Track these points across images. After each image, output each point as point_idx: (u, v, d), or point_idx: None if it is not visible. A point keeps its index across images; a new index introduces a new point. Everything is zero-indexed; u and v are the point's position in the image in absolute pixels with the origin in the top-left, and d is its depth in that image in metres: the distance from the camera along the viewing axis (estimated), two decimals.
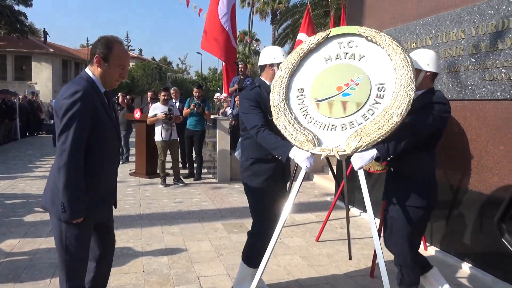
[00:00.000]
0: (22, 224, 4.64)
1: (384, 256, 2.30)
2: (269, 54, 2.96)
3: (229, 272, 3.46)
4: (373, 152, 2.35)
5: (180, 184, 7.07)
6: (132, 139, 9.22)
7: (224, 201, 6.06)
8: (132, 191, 6.53)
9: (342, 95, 2.61)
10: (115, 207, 2.44)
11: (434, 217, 4.07)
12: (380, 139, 2.35)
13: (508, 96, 3.32)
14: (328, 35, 2.80)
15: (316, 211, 5.63)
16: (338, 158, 2.44)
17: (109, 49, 2.07)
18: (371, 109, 2.49)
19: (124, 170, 8.43)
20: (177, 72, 48.50)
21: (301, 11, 18.82)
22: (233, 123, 7.73)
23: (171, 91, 8.10)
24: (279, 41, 23.59)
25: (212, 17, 8.56)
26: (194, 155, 7.87)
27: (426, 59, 2.62)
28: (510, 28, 3.33)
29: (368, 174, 4.30)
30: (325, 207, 5.59)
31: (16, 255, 3.72)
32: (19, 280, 3.21)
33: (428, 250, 4.16)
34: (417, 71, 2.55)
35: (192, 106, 7.47)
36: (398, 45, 2.54)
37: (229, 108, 8.69)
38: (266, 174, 2.84)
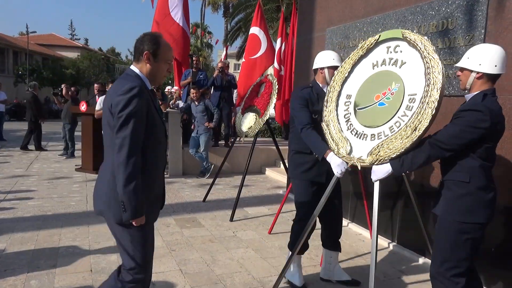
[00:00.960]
0: None
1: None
2: (320, 58, 3.17)
3: (182, 268, 3.42)
4: (388, 167, 2.38)
5: None
6: (77, 133, 8.80)
7: (176, 196, 5.96)
8: (79, 187, 6.25)
9: (378, 105, 2.59)
10: (162, 208, 2.32)
11: (381, 207, 4.27)
12: (395, 154, 2.34)
13: (446, 92, 3.53)
14: (377, 40, 2.75)
15: (269, 204, 5.70)
16: (359, 168, 2.55)
17: (157, 44, 2.05)
18: (399, 121, 2.43)
19: (69, 166, 8.06)
20: (126, 63, 46.86)
21: (254, 5, 18.81)
22: (184, 117, 7.61)
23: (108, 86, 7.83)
24: (231, 34, 23.47)
25: (162, 8, 8.34)
26: None
27: (480, 57, 2.23)
28: (449, 28, 3.54)
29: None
30: (278, 200, 5.68)
31: None
32: None
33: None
34: (467, 71, 2.27)
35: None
36: (435, 52, 2.39)
37: (180, 101, 8.55)
38: (306, 165, 3.11)
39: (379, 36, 2.75)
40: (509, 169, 2.95)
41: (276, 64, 8.55)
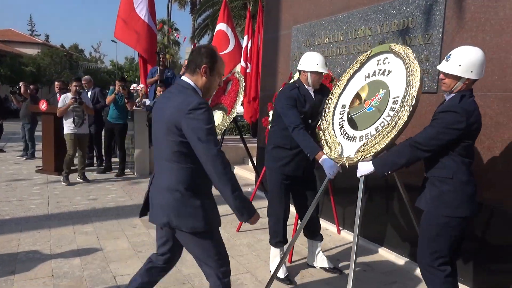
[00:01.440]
0: None
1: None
2: (304, 60, 3.22)
3: None
4: (370, 166, 2.52)
5: (83, 181, 6.62)
6: (37, 133, 8.45)
7: (142, 196, 5.81)
8: (39, 190, 6.00)
9: (367, 110, 2.81)
10: None
11: (347, 202, 4.36)
12: (379, 150, 2.53)
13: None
14: (369, 54, 2.98)
15: None
16: (347, 166, 2.74)
17: (214, 58, 2.11)
18: (383, 122, 2.62)
19: (29, 167, 7.73)
20: (90, 61, 45.52)
21: (221, 1, 18.68)
22: (151, 115, 7.46)
23: (83, 81, 7.57)
24: (199, 31, 23.24)
25: (127, 4, 8.14)
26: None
27: (471, 65, 2.27)
28: (410, 27, 3.65)
29: None
30: None
31: None
32: None
33: (341, 234, 4.43)
34: (455, 77, 2.31)
35: (117, 89, 7.06)
36: (415, 58, 2.60)
37: (148, 99, 8.38)
38: (285, 160, 3.26)
39: (371, 51, 3.00)
40: (488, 166, 3.06)
41: (242, 62, 8.52)
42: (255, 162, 5.74)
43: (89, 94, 7.50)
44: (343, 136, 2.92)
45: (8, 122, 15.30)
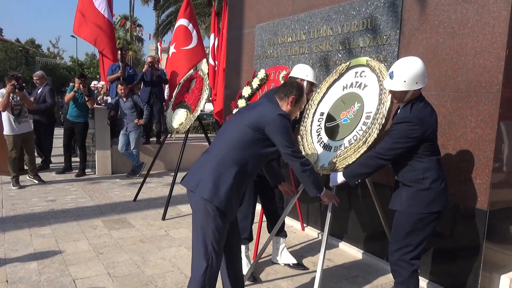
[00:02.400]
0: None
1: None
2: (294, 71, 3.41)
3: (110, 271, 3.28)
4: (340, 176, 2.68)
5: (36, 181, 6.32)
6: None
7: (104, 197, 5.69)
8: None
9: (342, 121, 2.93)
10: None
11: (311, 199, 4.44)
12: (347, 163, 2.67)
13: None
14: (348, 66, 3.09)
15: None
16: (321, 174, 2.87)
17: (301, 93, 2.46)
18: (356, 135, 2.75)
19: None
20: (48, 56, 43.64)
21: None
22: (112, 113, 7.28)
23: (35, 77, 7.21)
24: (162, 28, 22.84)
25: (85, 0, 7.88)
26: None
27: (415, 77, 2.44)
28: (369, 28, 3.75)
29: None
30: None
31: None
32: None
33: (305, 231, 4.51)
34: (403, 92, 2.46)
35: (77, 86, 6.77)
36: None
37: (109, 97, 8.16)
38: None
39: (350, 62, 3.12)
40: (442, 162, 3.22)
41: (211, 60, 8.46)
42: None
43: (39, 91, 7.12)
44: (319, 144, 3.02)
45: None
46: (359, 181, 2.63)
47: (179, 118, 5.10)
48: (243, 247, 3.40)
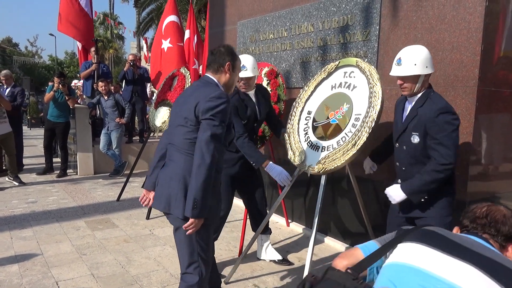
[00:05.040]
0: None
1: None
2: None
3: (94, 272, 3.24)
4: (402, 194, 2.37)
5: (16, 183, 6.19)
6: None
7: (86, 197, 5.61)
8: None
9: (331, 121, 2.92)
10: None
11: (295, 195, 4.47)
12: (337, 165, 2.65)
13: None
14: (337, 65, 3.07)
15: None
16: (309, 175, 2.91)
17: (235, 56, 2.29)
18: (345, 137, 2.74)
19: None
20: (26, 55, 42.66)
21: None
22: (93, 113, 7.17)
23: (2, 77, 7.02)
24: (143, 25, 22.58)
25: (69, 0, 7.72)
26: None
27: (424, 60, 2.35)
28: (349, 24, 3.79)
29: None
30: None
31: None
32: None
33: (290, 226, 4.54)
34: (415, 77, 2.34)
35: (56, 86, 6.62)
36: (378, 80, 2.69)
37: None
38: (230, 162, 3.21)
39: (339, 62, 3.10)
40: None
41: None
42: None
43: (6, 92, 6.91)
44: (307, 143, 3.01)
45: None
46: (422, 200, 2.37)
47: (162, 116, 5.06)
48: None
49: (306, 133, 3.07)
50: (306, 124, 3.13)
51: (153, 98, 9.53)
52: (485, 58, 2.87)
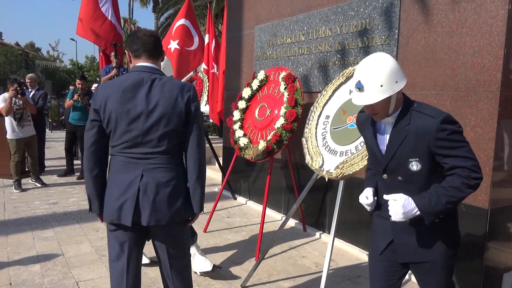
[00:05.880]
0: None
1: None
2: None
3: None
4: (414, 208, 1.74)
5: (38, 184, 6.34)
6: None
7: None
8: None
9: (349, 126, 2.90)
10: None
11: (312, 200, 4.45)
12: (355, 170, 2.61)
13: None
14: (356, 69, 2.97)
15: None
16: (326, 179, 2.85)
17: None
18: (363, 141, 2.60)
19: None
20: (47, 59, 43.69)
21: (183, 0, 18.50)
22: None
23: (28, 79, 7.21)
24: (161, 30, 22.88)
25: (90, 5, 7.90)
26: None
27: (392, 75, 1.77)
28: (368, 28, 3.77)
29: (251, 163, 4.49)
30: (213, 198, 5.65)
31: None
32: None
33: (307, 231, 4.53)
34: (386, 100, 1.78)
35: (75, 97, 6.82)
36: None
37: None
38: None
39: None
40: None
41: (204, 65, 8.45)
42: (221, 162, 5.75)
43: (31, 94, 7.08)
44: (325, 148, 3.01)
45: None
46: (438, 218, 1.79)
47: None
48: None
49: (324, 138, 3.06)
50: (324, 128, 3.12)
51: None
52: (508, 62, 2.82)
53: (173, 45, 8.28)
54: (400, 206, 1.75)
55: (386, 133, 1.90)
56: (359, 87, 1.82)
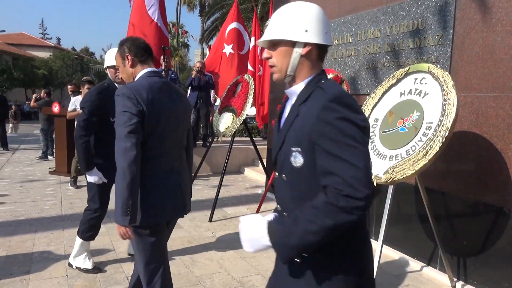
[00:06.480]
0: None
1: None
2: (106, 57, 3.28)
3: None
4: (264, 238, 1.22)
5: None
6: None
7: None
8: (53, 191, 6.10)
9: (399, 129, 2.85)
10: None
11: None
12: (406, 175, 2.54)
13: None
14: (407, 71, 3.00)
15: (248, 203, 5.71)
16: (375, 184, 2.76)
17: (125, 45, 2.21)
18: (415, 146, 2.66)
19: (42, 169, 7.87)
20: (101, 63, 45.93)
21: (230, 4, 18.77)
22: None
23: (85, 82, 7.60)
24: (208, 33, 23.36)
25: (138, 8, 8.23)
26: None
27: (303, 20, 1.31)
28: (420, 28, 3.64)
29: None
30: (257, 200, 5.70)
31: None
32: None
33: None
34: (283, 47, 1.33)
35: None
36: (453, 87, 2.60)
37: None
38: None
39: (409, 68, 3.00)
40: (502, 168, 3.05)
41: (249, 66, 8.54)
42: (265, 164, 5.77)
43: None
44: (373, 152, 2.94)
45: (22, 124, 15.56)
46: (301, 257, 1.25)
47: (226, 121, 5.19)
48: (87, 243, 3.40)
49: (373, 141, 2.99)
50: (373, 132, 3.04)
51: (216, 104, 9.81)
52: None
53: (228, 49, 8.44)
54: (243, 230, 1.25)
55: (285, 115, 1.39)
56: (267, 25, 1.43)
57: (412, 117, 2.78)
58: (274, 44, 1.35)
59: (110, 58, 3.14)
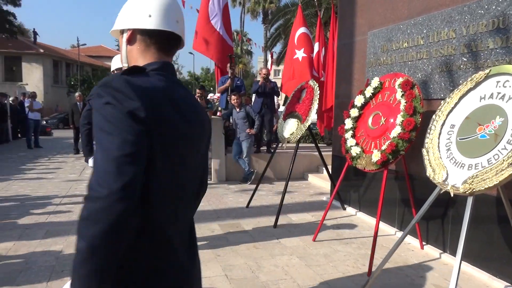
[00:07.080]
0: (17, 227, 4.60)
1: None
2: (113, 61, 3.71)
3: (227, 273, 3.48)
4: None
5: None
6: None
7: (220, 202, 6.06)
8: None
9: (479, 137, 2.68)
10: None
11: (431, 216, 4.13)
12: (487, 186, 2.38)
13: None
14: (488, 74, 2.83)
15: (312, 210, 5.65)
16: (452, 195, 2.65)
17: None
18: (498, 154, 2.47)
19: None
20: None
21: (293, 11, 18.85)
22: (226, 123, 7.75)
23: None
24: (271, 41, 23.62)
25: (203, 17, 8.58)
26: None
27: (136, 6, 1.23)
28: (501, 27, 3.38)
29: (362, 173, 4.35)
30: (321, 207, 5.62)
31: (11, 258, 3.69)
32: (15, 283, 3.19)
33: (424, 249, 4.20)
34: (120, 35, 1.28)
35: (197, 97, 7.51)
36: None
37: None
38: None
39: (490, 70, 2.80)
40: None
41: (314, 72, 8.50)
42: (330, 171, 5.68)
43: None
44: (450, 160, 2.76)
45: None
46: None
47: (290, 128, 5.20)
48: None
49: (449, 149, 2.81)
50: (449, 139, 2.87)
51: (280, 110, 9.87)
52: None
53: (300, 54, 8.52)
54: None
55: None
56: None
57: (494, 123, 2.57)
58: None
59: (117, 63, 3.62)
